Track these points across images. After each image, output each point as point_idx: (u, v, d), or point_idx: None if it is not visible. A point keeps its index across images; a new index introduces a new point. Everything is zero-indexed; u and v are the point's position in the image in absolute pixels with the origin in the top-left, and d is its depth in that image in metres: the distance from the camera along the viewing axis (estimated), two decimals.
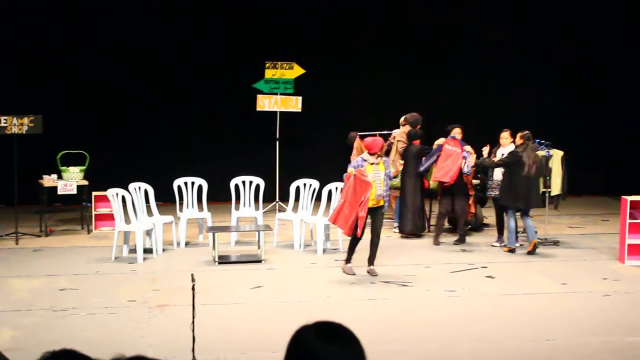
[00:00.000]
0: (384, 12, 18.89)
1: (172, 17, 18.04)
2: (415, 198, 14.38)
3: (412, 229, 14.62)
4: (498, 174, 13.71)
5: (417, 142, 14.63)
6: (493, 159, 13.87)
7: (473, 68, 19.15)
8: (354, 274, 11.86)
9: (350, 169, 11.69)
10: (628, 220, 12.61)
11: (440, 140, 14.05)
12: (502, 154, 13.74)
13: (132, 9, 17.80)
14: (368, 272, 11.93)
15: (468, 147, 14.08)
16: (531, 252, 13.27)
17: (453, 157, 13.86)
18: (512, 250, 13.39)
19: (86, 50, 17.53)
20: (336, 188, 13.43)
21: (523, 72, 19.41)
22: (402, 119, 15.30)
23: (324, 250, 13.37)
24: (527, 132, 13.36)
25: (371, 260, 12.00)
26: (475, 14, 19.19)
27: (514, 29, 19.22)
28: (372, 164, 11.73)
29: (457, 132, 14.19)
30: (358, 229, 11.55)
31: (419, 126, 14.96)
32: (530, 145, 13.29)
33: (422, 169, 14.05)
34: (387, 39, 18.84)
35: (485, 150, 14.18)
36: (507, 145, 13.84)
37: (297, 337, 2.50)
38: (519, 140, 13.37)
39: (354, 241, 11.87)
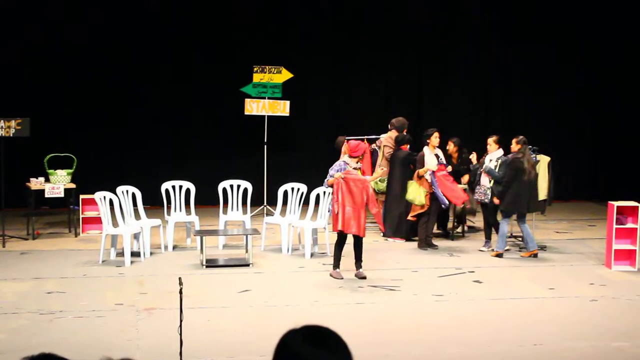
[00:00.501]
0: (375, 14, 18.92)
1: (161, 22, 18.02)
2: (401, 203, 14.37)
3: (396, 234, 14.62)
4: (485, 179, 13.70)
5: (405, 147, 14.64)
6: (482, 162, 13.84)
7: (466, 69, 19.22)
8: (342, 279, 11.86)
9: (336, 174, 11.65)
10: (615, 226, 12.64)
11: (432, 166, 13.89)
12: (490, 160, 13.72)
13: (123, 15, 17.80)
14: (356, 275, 11.93)
15: (449, 168, 14.19)
16: (525, 257, 13.35)
17: (449, 180, 13.92)
18: (499, 255, 13.40)
19: (72, 53, 17.47)
20: (324, 192, 13.42)
21: (507, 77, 19.50)
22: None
23: (312, 254, 13.36)
24: (522, 137, 13.34)
25: (358, 263, 12.00)
26: (476, 14, 19.24)
27: (513, 30, 19.28)
28: (354, 168, 11.85)
29: (435, 137, 14.21)
30: (380, 226, 11.66)
31: (405, 130, 15.00)
32: (527, 149, 13.31)
33: (445, 202, 13.98)
34: (376, 42, 18.87)
35: (474, 158, 14.16)
36: (494, 151, 13.81)
37: (284, 340, 2.51)
38: (515, 146, 13.32)
39: (340, 245, 11.89)
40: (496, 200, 13.35)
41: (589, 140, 19.79)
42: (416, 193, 13.90)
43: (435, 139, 14.17)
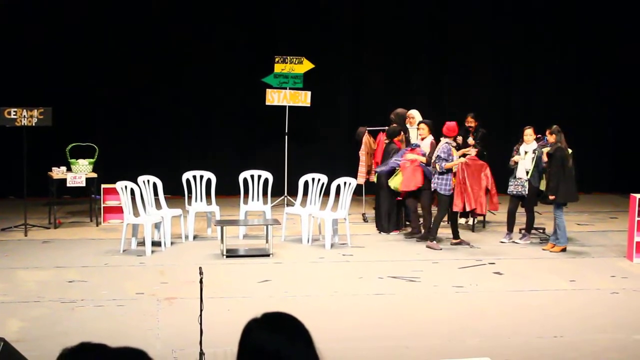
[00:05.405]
0: (395, 5, 18.87)
1: (182, 11, 18.04)
2: (391, 196, 14.36)
3: (386, 227, 14.52)
4: (522, 171, 13.56)
5: (398, 139, 14.54)
6: (515, 155, 13.67)
7: (488, 61, 19.18)
8: (441, 249, 13.24)
9: (460, 159, 13.18)
10: (637, 218, 12.56)
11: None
12: (525, 152, 13.57)
13: (143, 4, 17.83)
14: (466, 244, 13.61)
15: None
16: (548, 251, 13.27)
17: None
18: (564, 250, 13.25)
19: (97, 42, 17.53)
20: (344, 183, 13.43)
21: (530, 70, 19.41)
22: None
23: (332, 245, 13.37)
24: (555, 126, 13.13)
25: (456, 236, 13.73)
26: (499, 8, 19.18)
27: (525, 26, 19.22)
28: (454, 147, 13.47)
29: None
30: (491, 206, 13.68)
31: (407, 120, 14.96)
32: (564, 137, 13.12)
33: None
34: (397, 34, 18.82)
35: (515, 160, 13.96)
36: (530, 142, 13.64)
37: (245, 329, 2.65)
38: (550, 137, 13.08)
39: (454, 217, 13.54)
40: (552, 197, 12.99)
41: (612, 131, 19.66)
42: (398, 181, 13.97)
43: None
